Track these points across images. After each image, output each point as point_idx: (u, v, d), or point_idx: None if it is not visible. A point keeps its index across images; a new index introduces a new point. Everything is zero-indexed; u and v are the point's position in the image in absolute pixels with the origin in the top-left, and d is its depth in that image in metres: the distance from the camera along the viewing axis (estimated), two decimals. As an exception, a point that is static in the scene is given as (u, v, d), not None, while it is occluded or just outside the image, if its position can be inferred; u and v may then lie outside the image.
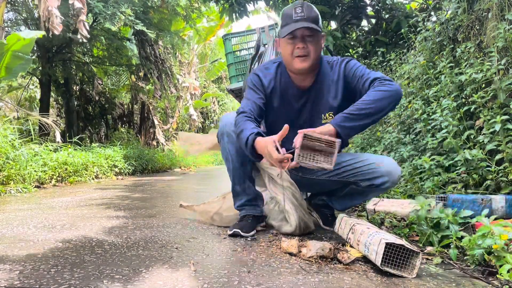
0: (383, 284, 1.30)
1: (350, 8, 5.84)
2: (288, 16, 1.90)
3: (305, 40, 1.88)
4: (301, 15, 1.87)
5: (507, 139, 2.14)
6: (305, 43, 1.88)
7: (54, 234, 1.92)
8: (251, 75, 2.10)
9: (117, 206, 3.04)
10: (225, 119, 2.06)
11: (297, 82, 2.01)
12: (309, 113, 2.03)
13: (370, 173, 1.90)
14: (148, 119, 12.42)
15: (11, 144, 4.60)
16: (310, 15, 1.88)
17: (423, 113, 3.02)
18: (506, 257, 1.36)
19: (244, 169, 2.04)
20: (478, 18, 2.79)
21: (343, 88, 1.98)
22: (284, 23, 1.92)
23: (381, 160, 1.94)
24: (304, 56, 1.89)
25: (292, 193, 2.06)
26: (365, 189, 1.95)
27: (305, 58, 1.89)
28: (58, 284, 1.17)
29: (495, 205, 1.91)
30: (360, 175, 1.93)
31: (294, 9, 1.89)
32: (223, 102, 22.38)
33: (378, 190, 1.99)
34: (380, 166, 1.88)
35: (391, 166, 1.89)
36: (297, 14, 1.88)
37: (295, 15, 1.88)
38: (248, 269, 1.39)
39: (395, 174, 1.88)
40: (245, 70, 4.07)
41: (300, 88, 2.02)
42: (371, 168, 1.90)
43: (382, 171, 1.88)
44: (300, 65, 1.90)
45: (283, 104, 2.04)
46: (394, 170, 1.88)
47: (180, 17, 10.24)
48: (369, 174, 1.90)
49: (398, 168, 1.90)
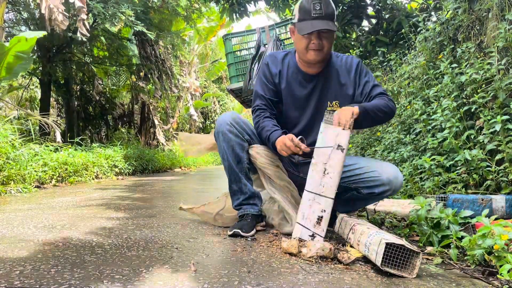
0: (383, 284, 1.30)
1: (350, 8, 5.84)
2: (307, 11, 1.93)
3: (320, 36, 1.95)
4: (319, 13, 1.91)
5: (507, 139, 2.14)
6: (320, 39, 1.95)
7: (54, 234, 1.92)
8: (261, 65, 2.20)
9: (117, 206, 3.04)
10: (221, 119, 2.10)
11: (305, 69, 2.08)
12: (317, 101, 2.08)
13: (371, 181, 1.88)
14: (148, 119, 12.43)
15: (12, 144, 4.60)
16: (328, 11, 1.93)
17: (423, 113, 3.02)
18: (506, 257, 1.36)
19: (240, 167, 2.06)
20: (478, 18, 2.79)
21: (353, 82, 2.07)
22: (301, 17, 1.96)
23: (383, 167, 1.91)
24: (318, 50, 1.97)
25: (290, 193, 2.06)
26: (365, 196, 1.94)
27: (319, 52, 1.98)
28: (58, 284, 1.17)
29: (495, 205, 1.91)
30: (361, 182, 1.92)
31: (313, 5, 1.91)
32: (224, 102, 22.39)
33: (379, 198, 1.99)
34: (381, 174, 1.86)
35: (392, 174, 1.86)
36: (315, 10, 1.91)
37: (313, 12, 1.91)
38: (248, 269, 1.39)
39: (396, 183, 1.86)
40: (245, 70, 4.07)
41: (308, 74, 2.08)
42: (372, 176, 1.87)
43: (383, 179, 1.85)
44: (313, 57, 1.99)
45: (291, 91, 2.10)
46: (395, 179, 1.86)
47: (181, 17, 10.24)
48: (370, 182, 1.88)
49: (399, 176, 1.88)
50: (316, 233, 1.67)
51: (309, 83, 2.08)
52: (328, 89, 2.07)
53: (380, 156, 3.79)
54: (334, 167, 1.66)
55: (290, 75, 2.11)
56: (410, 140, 3.20)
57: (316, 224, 1.67)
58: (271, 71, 2.13)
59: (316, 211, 1.68)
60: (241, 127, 2.07)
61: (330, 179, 1.66)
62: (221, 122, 2.07)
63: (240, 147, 2.04)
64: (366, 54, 5.56)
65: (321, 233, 1.66)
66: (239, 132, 2.05)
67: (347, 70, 2.09)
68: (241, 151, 2.04)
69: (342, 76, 2.08)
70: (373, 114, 1.85)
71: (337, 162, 1.66)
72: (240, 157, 2.04)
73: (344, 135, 1.66)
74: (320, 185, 1.68)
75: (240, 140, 2.05)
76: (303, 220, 1.71)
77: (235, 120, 2.06)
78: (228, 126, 2.04)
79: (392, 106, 1.95)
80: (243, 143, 2.06)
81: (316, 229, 1.67)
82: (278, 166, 2.07)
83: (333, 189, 1.66)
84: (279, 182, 2.06)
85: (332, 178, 1.66)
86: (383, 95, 2.00)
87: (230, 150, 2.04)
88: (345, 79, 2.07)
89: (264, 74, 2.15)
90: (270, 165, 2.04)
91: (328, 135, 1.71)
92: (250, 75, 3.79)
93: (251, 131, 2.11)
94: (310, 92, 2.08)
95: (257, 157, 2.06)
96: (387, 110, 1.92)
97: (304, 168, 2.17)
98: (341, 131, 1.67)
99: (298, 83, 2.10)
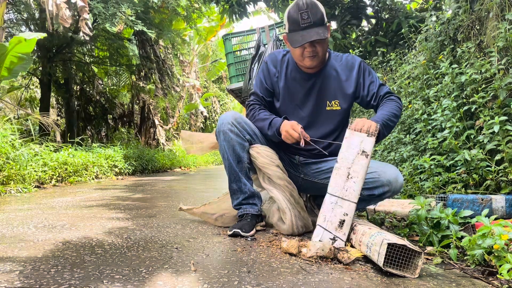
0: (383, 284, 1.30)
1: (350, 8, 5.84)
2: (295, 21, 1.93)
3: (313, 44, 1.96)
4: (308, 22, 1.91)
5: (506, 139, 2.14)
6: (314, 47, 1.96)
7: (54, 234, 1.92)
8: (261, 63, 2.20)
9: (117, 206, 3.04)
10: (223, 118, 2.10)
11: (304, 69, 2.11)
12: (315, 99, 2.10)
13: (370, 182, 1.87)
14: (148, 119, 12.43)
15: (11, 144, 4.60)
16: (316, 18, 1.91)
17: (423, 113, 3.02)
18: (506, 257, 1.36)
19: (240, 166, 2.06)
20: (479, 18, 2.79)
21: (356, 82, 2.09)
22: (291, 28, 1.96)
23: (384, 168, 1.91)
24: (313, 56, 1.99)
25: (290, 192, 2.06)
26: (365, 198, 1.94)
27: (314, 58, 2.00)
28: (58, 284, 1.17)
29: (495, 205, 1.91)
30: None
31: (300, 15, 1.90)
32: (224, 102, 22.41)
33: (378, 199, 1.99)
34: (381, 175, 1.86)
35: (392, 175, 1.86)
36: (304, 20, 1.91)
37: (302, 22, 1.91)
38: (248, 269, 1.39)
39: (396, 184, 1.87)
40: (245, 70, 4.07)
41: (306, 73, 2.11)
42: (371, 177, 1.87)
43: (383, 180, 1.86)
44: (310, 63, 2.01)
45: (290, 89, 2.12)
46: (395, 180, 1.86)
47: (181, 18, 10.24)
48: (370, 183, 1.87)
49: (400, 178, 1.88)
50: (337, 237, 1.67)
51: (308, 82, 2.10)
52: (327, 88, 2.08)
53: (380, 156, 3.79)
54: (358, 172, 1.68)
55: (289, 73, 2.13)
56: (410, 140, 3.20)
57: (338, 228, 1.67)
58: (270, 70, 2.16)
59: (338, 214, 1.69)
60: (242, 127, 2.07)
61: (354, 183, 1.68)
62: (222, 121, 2.07)
63: (241, 146, 2.05)
64: (366, 55, 5.56)
65: (343, 237, 1.66)
66: (240, 131, 2.05)
67: (349, 68, 2.10)
68: (241, 151, 2.05)
69: (342, 75, 2.08)
70: (391, 124, 1.90)
71: (361, 168, 1.68)
72: (240, 156, 2.05)
73: (368, 141, 1.69)
74: (344, 189, 1.70)
75: (241, 139, 2.05)
76: (324, 223, 1.71)
77: (236, 120, 2.06)
78: (229, 125, 2.04)
79: (401, 106, 2.00)
80: (244, 143, 2.06)
81: (337, 232, 1.67)
82: (278, 166, 2.07)
83: (357, 193, 1.68)
84: (279, 181, 2.06)
85: (355, 182, 1.68)
86: (391, 94, 2.03)
87: (231, 150, 2.04)
88: (346, 77, 2.08)
89: (263, 73, 2.18)
90: (270, 165, 2.04)
91: (353, 140, 1.73)
92: (250, 75, 3.79)
93: (252, 131, 2.11)
94: (308, 91, 2.10)
95: (257, 156, 2.06)
96: (399, 112, 1.97)
97: (304, 168, 2.18)
98: (365, 137, 1.70)
99: (296, 82, 2.11)
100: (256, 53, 3.82)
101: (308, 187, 2.24)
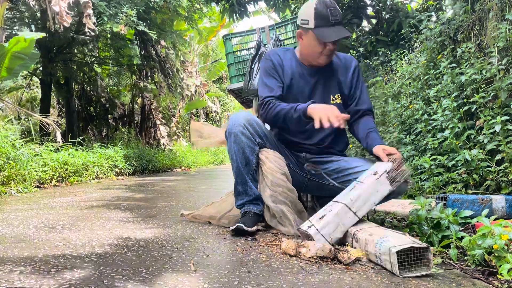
0: (383, 284, 1.30)
1: (350, 8, 5.83)
2: (324, 17, 1.97)
3: (335, 42, 2.03)
4: (337, 20, 1.98)
5: (507, 139, 2.14)
6: (335, 44, 2.04)
7: (55, 234, 1.92)
8: (263, 61, 2.23)
9: (118, 207, 3.04)
10: (234, 119, 2.07)
11: (308, 65, 2.16)
12: (321, 94, 2.15)
13: None
14: (149, 119, 12.43)
15: (12, 144, 4.60)
16: (341, 16, 2.02)
17: (423, 114, 3.02)
18: (506, 257, 1.36)
19: (248, 169, 2.05)
20: (479, 18, 2.79)
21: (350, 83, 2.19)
22: (318, 23, 1.99)
23: None
24: (331, 54, 2.07)
25: (289, 199, 2.05)
26: None
27: (331, 56, 2.09)
28: (58, 284, 1.17)
29: (495, 205, 1.91)
30: None
31: (330, 12, 1.96)
32: (224, 102, 22.42)
33: (384, 200, 1.98)
34: None
35: None
36: (334, 17, 1.98)
37: (332, 18, 1.97)
38: (248, 269, 1.39)
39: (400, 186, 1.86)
40: (245, 70, 4.07)
41: (310, 69, 2.16)
42: None
43: None
44: (325, 61, 2.10)
45: (295, 85, 2.16)
46: None
47: (181, 18, 10.24)
48: None
49: None
50: (313, 225, 1.72)
51: (312, 78, 2.16)
52: (330, 83, 2.16)
53: (380, 156, 3.78)
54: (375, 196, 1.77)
55: (294, 70, 2.16)
56: (410, 140, 3.20)
57: (318, 220, 1.72)
58: (275, 63, 2.17)
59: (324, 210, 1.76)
60: (254, 129, 2.05)
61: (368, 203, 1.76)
62: (234, 122, 2.04)
63: (250, 150, 2.03)
64: (366, 55, 5.55)
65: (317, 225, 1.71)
66: (251, 134, 2.03)
67: (345, 68, 2.19)
68: (251, 154, 2.03)
69: (340, 74, 2.18)
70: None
71: (380, 195, 1.78)
72: (249, 159, 2.03)
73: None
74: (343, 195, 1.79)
75: (252, 143, 2.03)
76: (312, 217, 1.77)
77: (248, 122, 2.04)
78: (241, 127, 2.01)
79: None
80: (254, 147, 2.04)
81: (315, 222, 1.72)
82: (285, 174, 2.05)
83: (363, 213, 1.76)
84: (278, 189, 2.03)
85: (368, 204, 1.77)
86: (371, 112, 2.18)
87: (240, 153, 2.03)
88: (343, 77, 2.18)
89: (269, 67, 2.18)
90: (276, 172, 2.02)
91: (381, 166, 1.83)
92: (250, 75, 3.79)
93: (263, 133, 2.10)
94: (314, 85, 2.15)
95: (265, 161, 2.04)
96: None
97: (312, 171, 2.17)
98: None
99: (302, 78, 2.16)
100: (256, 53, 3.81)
101: (313, 188, 2.24)
